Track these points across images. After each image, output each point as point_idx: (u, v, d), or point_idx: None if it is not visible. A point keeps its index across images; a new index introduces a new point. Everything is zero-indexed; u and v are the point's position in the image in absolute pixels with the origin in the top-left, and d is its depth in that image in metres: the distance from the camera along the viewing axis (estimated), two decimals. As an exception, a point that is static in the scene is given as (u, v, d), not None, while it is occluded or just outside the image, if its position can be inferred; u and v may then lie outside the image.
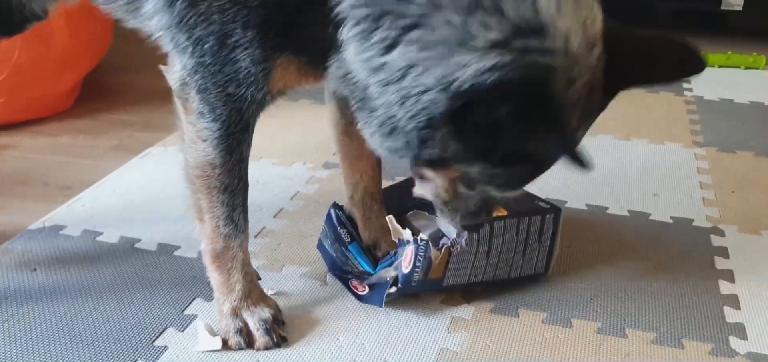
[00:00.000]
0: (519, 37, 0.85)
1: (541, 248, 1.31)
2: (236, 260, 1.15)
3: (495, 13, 0.84)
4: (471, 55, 0.85)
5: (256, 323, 1.15)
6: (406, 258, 1.20)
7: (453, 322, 1.22)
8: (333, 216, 1.36)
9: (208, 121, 1.05)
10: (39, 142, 1.90)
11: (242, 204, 1.13)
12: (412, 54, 0.89)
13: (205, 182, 1.10)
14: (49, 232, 1.46)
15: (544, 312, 1.26)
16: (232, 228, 1.13)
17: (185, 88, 1.05)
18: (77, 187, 1.65)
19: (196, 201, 1.13)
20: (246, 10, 0.96)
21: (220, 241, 1.13)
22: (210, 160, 1.08)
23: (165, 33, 1.04)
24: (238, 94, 1.02)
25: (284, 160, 1.82)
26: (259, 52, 0.99)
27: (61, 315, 1.21)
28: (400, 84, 0.92)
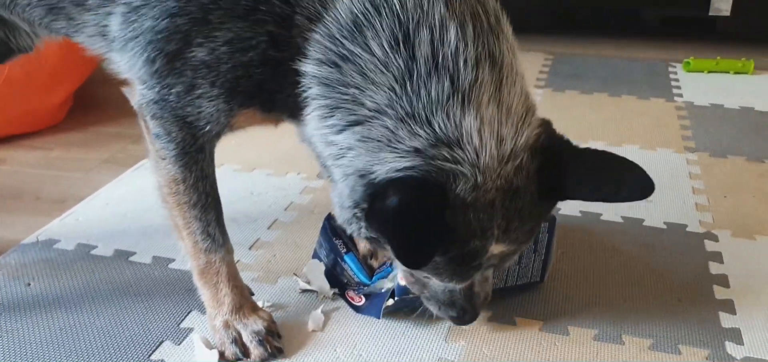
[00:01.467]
0: (435, 148, 0.96)
1: (536, 257, 1.31)
2: (221, 274, 1.16)
3: (425, 125, 0.95)
4: (393, 154, 0.97)
5: (249, 335, 1.15)
6: (401, 271, 1.20)
7: (451, 331, 1.22)
8: (328, 227, 1.36)
9: (164, 141, 1.09)
10: (31, 155, 1.89)
11: (216, 219, 1.15)
12: (352, 141, 1.00)
13: (174, 199, 1.12)
14: (43, 246, 1.45)
15: (541, 320, 1.26)
16: (210, 243, 1.14)
17: (142, 110, 1.09)
18: (70, 201, 1.64)
19: (173, 219, 1.15)
20: (215, 73, 1.02)
21: (201, 257, 1.15)
22: (172, 177, 1.11)
23: (134, 74, 1.07)
24: (196, 124, 1.07)
25: (278, 171, 1.82)
26: (224, 104, 1.04)
27: (56, 330, 1.20)
28: (342, 161, 1.02)
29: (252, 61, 1.01)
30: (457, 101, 0.95)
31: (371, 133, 0.98)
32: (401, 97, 0.96)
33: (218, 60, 1.01)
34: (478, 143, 0.95)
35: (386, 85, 0.96)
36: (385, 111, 0.97)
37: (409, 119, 0.96)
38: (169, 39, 1.01)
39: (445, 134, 0.95)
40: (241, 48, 1.00)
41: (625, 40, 2.93)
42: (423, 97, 0.95)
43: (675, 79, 2.57)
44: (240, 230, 1.53)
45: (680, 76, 2.60)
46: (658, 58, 2.78)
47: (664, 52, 2.85)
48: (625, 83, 2.50)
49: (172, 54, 1.02)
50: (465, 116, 0.95)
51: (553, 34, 2.78)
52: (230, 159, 1.85)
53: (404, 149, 0.96)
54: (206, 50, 1.00)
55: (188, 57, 1.01)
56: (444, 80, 0.95)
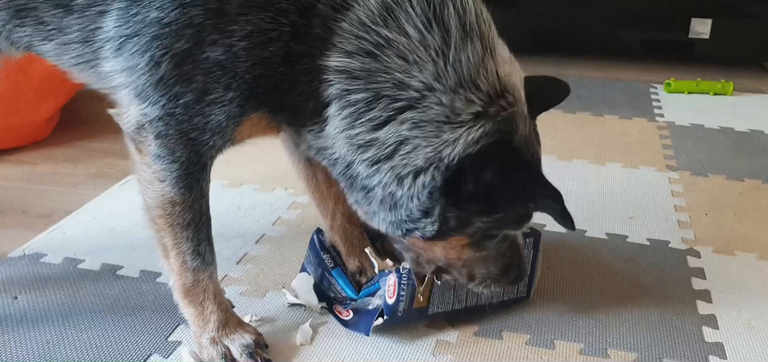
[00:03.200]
0: (492, 104, 1.01)
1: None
2: (207, 292, 1.15)
3: (474, 88, 1.00)
4: (459, 129, 0.99)
5: (239, 349, 1.15)
6: (390, 289, 1.21)
7: (438, 345, 1.23)
8: (315, 242, 1.37)
9: (166, 162, 1.04)
10: (17, 170, 1.88)
11: (207, 238, 1.13)
12: (404, 132, 0.99)
13: (167, 220, 1.09)
14: (29, 260, 1.44)
15: (528, 334, 1.28)
16: (199, 262, 1.13)
17: (142, 132, 1.03)
18: (57, 215, 1.63)
19: (161, 239, 1.12)
20: (232, 74, 0.97)
21: (189, 276, 1.13)
22: (170, 199, 1.07)
23: (131, 88, 1.00)
24: (200, 139, 1.03)
25: (265, 186, 1.82)
26: (236, 109, 1.00)
27: (43, 344, 1.19)
28: (392, 162, 1.00)
29: (273, 57, 0.95)
30: (489, 57, 1.01)
31: (427, 114, 0.99)
32: (446, 70, 0.98)
33: (235, 58, 0.95)
34: (516, 82, 1.05)
35: (430, 60, 0.98)
36: (435, 87, 0.98)
37: (459, 88, 0.99)
38: (179, 34, 0.94)
39: (494, 88, 1.01)
40: (262, 42, 0.94)
41: (607, 62, 2.98)
42: (464, 64, 0.99)
43: (656, 100, 2.62)
44: (228, 245, 1.53)
45: (661, 96, 2.65)
46: (640, 79, 2.84)
47: (646, 74, 2.90)
48: (607, 103, 2.54)
49: (182, 55, 0.95)
50: (499, 66, 1.02)
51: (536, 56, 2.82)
52: (218, 174, 1.83)
53: (467, 119, 0.99)
54: (221, 48, 0.94)
55: (200, 59, 0.95)
56: (476, 42, 0.99)
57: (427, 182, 1.00)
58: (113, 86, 1.04)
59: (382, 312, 1.22)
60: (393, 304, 1.20)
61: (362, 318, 1.26)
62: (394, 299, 1.20)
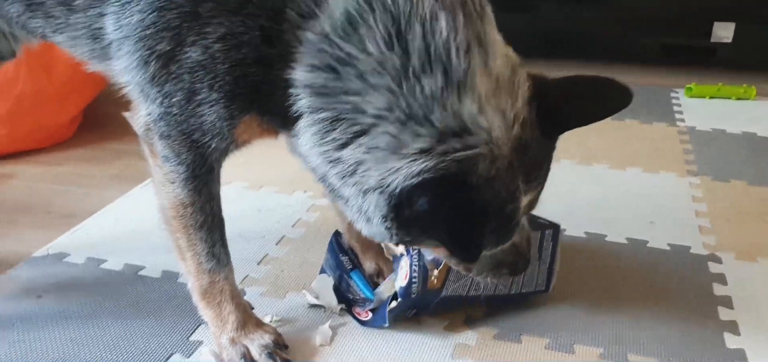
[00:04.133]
0: (442, 143, 0.95)
1: (541, 264, 1.32)
2: (224, 293, 1.16)
3: (425, 123, 0.95)
4: (402, 161, 0.96)
5: (258, 349, 1.16)
6: (402, 272, 1.21)
7: (457, 348, 1.23)
8: (334, 244, 1.38)
9: (173, 164, 1.07)
10: (41, 171, 1.91)
11: (221, 239, 1.15)
12: (359, 154, 0.98)
13: (180, 222, 1.11)
14: (53, 260, 1.46)
15: (547, 338, 1.27)
16: (214, 264, 1.14)
17: (149, 133, 1.07)
18: (80, 215, 1.66)
19: (176, 240, 1.14)
20: (213, 75, 0.99)
21: (204, 277, 1.15)
22: (181, 200, 1.10)
23: (134, 86, 1.04)
24: (202, 141, 1.05)
25: (285, 189, 1.84)
26: (224, 110, 1.01)
27: (66, 343, 1.21)
28: (354, 178, 1.00)
29: (246, 59, 0.97)
30: (453, 91, 0.94)
31: (376, 141, 0.96)
32: (399, 99, 0.94)
33: (213, 59, 0.97)
34: (484, 123, 0.96)
35: (385, 86, 0.94)
36: (386, 116, 0.95)
37: (409, 121, 0.94)
38: (159, 37, 0.97)
39: (449, 126, 0.94)
40: (235, 44, 0.96)
41: (627, 67, 2.96)
42: (418, 96, 0.94)
43: (677, 105, 2.60)
44: (248, 246, 1.54)
45: (682, 101, 2.63)
46: (660, 84, 2.82)
47: (666, 78, 2.88)
48: (627, 108, 2.51)
49: (166, 55, 0.98)
50: (464, 103, 0.95)
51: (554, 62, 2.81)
52: (238, 177, 1.87)
53: (412, 153, 0.95)
54: (200, 49, 0.97)
55: (183, 59, 0.98)
56: (437, 73, 0.93)
57: (378, 203, 1.00)
58: (123, 84, 1.07)
59: (395, 296, 1.22)
60: (406, 285, 1.20)
61: (378, 310, 1.26)
62: (407, 281, 1.20)
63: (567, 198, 1.80)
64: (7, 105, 1.87)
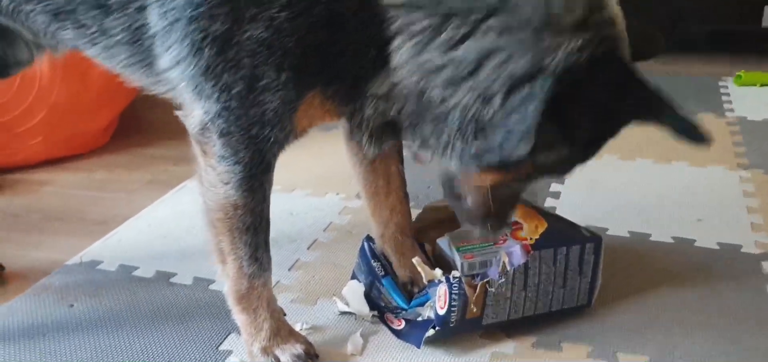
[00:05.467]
0: (593, 14, 0.88)
1: (582, 279, 1.27)
2: (262, 299, 1.13)
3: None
4: (559, 36, 0.85)
5: (290, 359, 1.13)
6: (440, 299, 1.16)
7: (494, 358, 1.18)
8: (366, 250, 1.34)
9: (230, 163, 1.01)
10: (75, 177, 1.92)
11: (265, 243, 1.11)
12: (488, 42, 0.87)
13: (227, 224, 1.07)
14: (86, 267, 1.46)
15: (589, 346, 1.21)
16: (256, 268, 1.10)
17: (206, 133, 1.01)
18: (113, 222, 1.66)
19: (218, 243, 1.10)
20: (280, 52, 0.91)
21: (244, 282, 1.11)
22: (232, 202, 1.05)
23: (187, 83, 0.97)
24: (261, 135, 0.99)
25: (317, 191, 1.81)
26: (288, 92, 0.95)
27: (98, 351, 1.20)
28: (473, 80, 0.89)
29: (318, 21, 0.88)
30: None
31: (517, 16, 0.85)
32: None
33: (279, 33, 0.88)
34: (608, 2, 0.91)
35: None
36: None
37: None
38: (214, 15, 0.89)
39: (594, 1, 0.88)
40: (305, 6, 0.87)
41: (672, 55, 2.85)
42: None
43: (726, 94, 2.49)
44: (280, 251, 1.52)
45: (731, 90, 2.52)
46: (708, 73, 2.70)
47: (714, 67, 2.76)
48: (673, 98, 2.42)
49: (222, 38, 0.90)
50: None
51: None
52: (270, 179, 1.85)
53: (568, 25, 0.85)
54: (263, 24, 0.88)
55: (242, 40, 0.90)
56: None
57: (525, 96, 0.85)
58: (171, 85, 1.02)
59: (433, 324, 1.18)
60: (444, 315, 1.16)
61: (414, 329, 1.22)
62: (445, 309, 1.15)
63: (609, 195, 1.73)
64: (42, 113, 1.88)
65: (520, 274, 1.19)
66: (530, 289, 1.21)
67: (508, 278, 1.18)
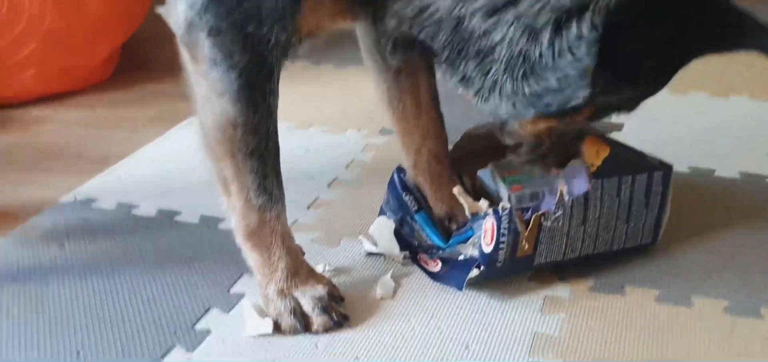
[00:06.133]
0: None
1: (649, 213, 1.09)
2: (275, 235, 0.97)
3: None
4: None
5: (310, 302, 0.97)
6: (487, 235, 1.00)
7: (547, 302, 1.02)
8: (396, 182, 1.17)
9: (223, 69, 0.86)
10: (73, 114, 1.76)
11: (275, 169, 0.95)
12: None
13: (227, 147, 0.91)
14: (80, 206, 1.31)
15: (657, 289, 1.05)
16: (265, 199, 0.94)
17: (192, 30, 0.86)
18: (113, 159, 1.50)
19: (219, 171, 0.94)
20: None
21: (253, 215, 0.95)
22: (230, 119, 0.89)
23: None
24: (259, 34, 0.84)
25: (336, 128, 1.64)
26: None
27: (90, 295, 1.05)
28: (517, 8, 0.77)
29: None
30: None
31: None
32: None
33: None
34: None
35: None
36: None
37: None
38: None
39: None
40: None
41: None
42: None
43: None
44: (297, 188, 1.35)
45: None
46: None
47: None
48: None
49: None
50: None
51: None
52: (284, 116, 1.67)
53: None
54: None
55: None
56: None
57: (576, 35, 0.75)
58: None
59: (478, 262, 1.01)
60: (491, 253, 0.99)
61: (454, 270, 1.05)
62: (492, 246, 0.99)
63: (664, 130, 1.55)
64: (34, 43, 1.71)
65: (579, 206, 1.02)
66: (590, 224, 1.04)
67: (566, 210, 1.01)
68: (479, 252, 1.00)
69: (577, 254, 1.06)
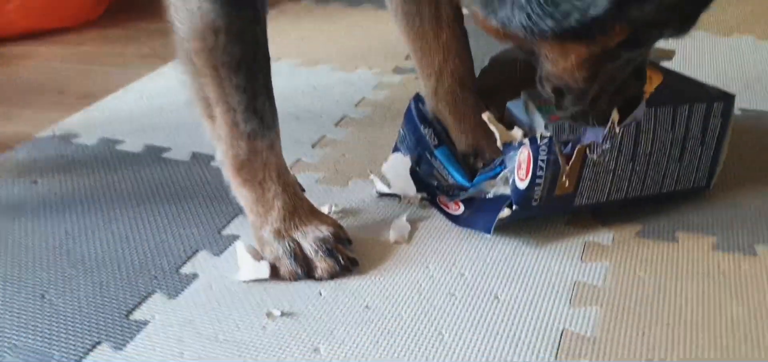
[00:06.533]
0: None
1: (704, 152, 0.95)
2: (269, 168, 0.83)
3: None
4: None
5: (313, 244, 0.83)
6: (521, 168, 0.86)
7: (587, 249, 0.88)
8: (414, 112, 1.03)
9: None
10: (59, 50, 1.62)
11: (266, 88, 0.81)
12: None
13: (208, 58, 0.77)
14: (58, 141, 1.18)
15: (713, 236, 0.90)
16: (256, 124, 0.80)
17: None
18: (99, 96, 1.36)
19: (200, 89, 0.80)
20: None
21: (242, 144, 0.81)
22: (210, 23, 0.75)
23: None
24: None
25: (345, 66, 1.49)
26: None
27: (62, 234, 0.92)
28: None
29: None
30: None
31: None
32: None
33: None
34: None
35: None
36: None
37: None
38: None
39: None
40: None
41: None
42: None
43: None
44: (300, 126, 1.22)
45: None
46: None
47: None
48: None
49: None
50: None
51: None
52: (289, 53, 1.54)
53: None
54: None
55: None
56: None
57: None
58: None
59: (509, 202, 0.87)
60: (525, 189, 0.85)
61: (480, 210, 0.91)
62: (528, 181, 0.85)
63: (709, 72, 1.40)
64: (17, -28, 1.58)
65: (629, 139, 0.88)
66: (639, 161, 0.90)
67: (616, 142, 0.86)
68: (512, 189, 0.86)
69: (622, 196, 0.92)
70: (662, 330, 0.75)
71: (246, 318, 0.76)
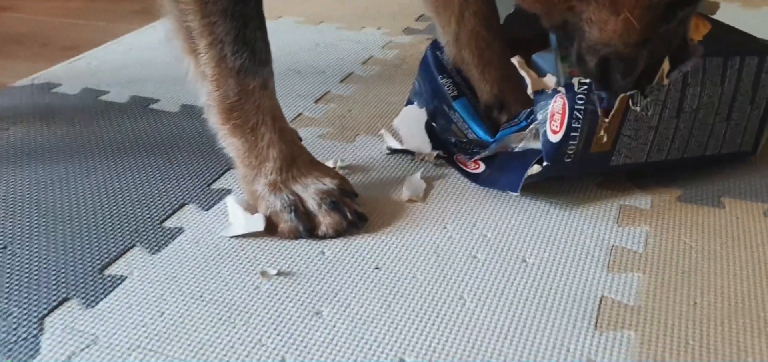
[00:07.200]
0: None
1: (753, 112, 0.85)
2: (262, 111, 0.73)
3: None
4: None
5: (316, 197, 0.73)
6: (555, 120, 0.75)
7: (624, 213, 0.78)
8: (430, 61, 0.93)
9: None
10: (46, 4, 1.51)
11: (257, 17, 0.71)
12: None
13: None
14: (37, 90, 1.07)
15: (764, 203, 0.81)
16: (246, 58, 0.70)
17: None
18: (84, 48, 1.26)
19: (181, 20, 0.70)
20: None
21: (231, 82, 0.71)
22: None
23: None
24: None
25: (352, 25, 1.39)
26: None
27: (32, 183, 0.82)
28: None
29: None
30: None
31: None
32: None
33: None
34: None
35: None
36: None
37: None
38: None
39: None
40: None
41: None
42: None
43: None
44: (303, 81, 1.12)
45: None
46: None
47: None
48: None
49: None
50: None
51: None
52: (292, 10, 1.44)
53: None
54: None
55: None
56: None
57: None
58: None
59: (540, 157, 0.77)
60: (559, 142, 0.75)
61: (505, 168, 0.81)
62: (562, 134, 0.74)
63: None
64: None
65: (675, 93, 0.78)
66: (684, 119, 0.80)
67: (662, 92, 0.76)
68: (543, 142, 0.76)
69: (663, 157, 0.82)
70: (716, 298, 0.65)
71: (236, 276, 0.66)
